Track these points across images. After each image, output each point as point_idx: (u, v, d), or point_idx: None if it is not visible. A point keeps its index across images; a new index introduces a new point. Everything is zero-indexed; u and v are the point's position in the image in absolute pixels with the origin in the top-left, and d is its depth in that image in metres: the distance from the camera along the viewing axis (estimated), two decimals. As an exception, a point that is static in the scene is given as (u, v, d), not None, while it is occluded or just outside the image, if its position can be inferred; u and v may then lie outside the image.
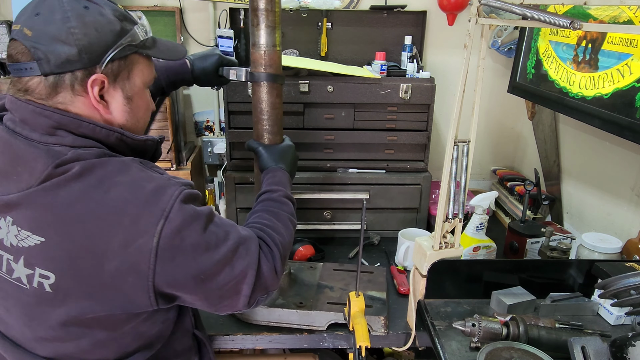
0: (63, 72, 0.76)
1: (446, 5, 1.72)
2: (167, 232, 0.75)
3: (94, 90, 0.79)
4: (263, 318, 1.18)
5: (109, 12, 0.80)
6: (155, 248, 0.74)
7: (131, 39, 0.82)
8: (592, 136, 1.54)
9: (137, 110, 0.88)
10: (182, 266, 0.77)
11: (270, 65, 1.08)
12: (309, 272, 1.34)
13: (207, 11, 1.88)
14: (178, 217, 0.76)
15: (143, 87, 0.88)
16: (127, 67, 0.83)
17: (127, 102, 0.85)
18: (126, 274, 0.75)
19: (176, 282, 0.78)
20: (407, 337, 1.18)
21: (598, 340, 0.88)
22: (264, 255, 0.88)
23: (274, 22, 1.05)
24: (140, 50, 0.84)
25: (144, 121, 0.92)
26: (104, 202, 0.74)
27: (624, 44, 1.15)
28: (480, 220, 1.38)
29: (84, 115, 0.80)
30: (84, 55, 0.76)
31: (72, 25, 0.75)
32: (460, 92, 0.99)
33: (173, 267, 0.77)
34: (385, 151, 1.62)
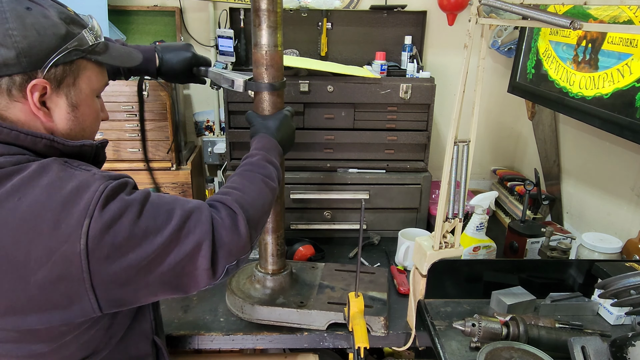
0: None
1: (446, 5, 1.72)
2: (95, 232, 0.69)
3: (33, 96, 0.74)
4: (263, 317, 1.18)
5: (54, 14, 0.75)
6: (85, 251, 0.68)
7: (78, 43, 0.77)
8: (592, 136, 1.54)
9: (83, 119, 0.82)
10: (121, 262, 0.71)
11: (271, 66, 1.08)
12: (310, 272, 1.34)
13: (207, 11, 1.88)
14: (105, 214, 0.70)
15: (91, 95, 0.83)
16: (72, 73, 0.78)
17: (72, 109, 0.80)
18: (57, 283, 0.69)
19: (119, 280, 0.72)
20: (407, 337, 1.18)
21: (598, 340, 0.88)
22: (221, 221, 0.81)
23: (276, 22, 1.05)
24: (88, 55, 0.79)
25: (90, 130, 0.86)
26: (17, 210, 0.68)
27: (624, 44, 1.15)
28: (480, 220, 1.38)
29: (22, 122, 0.75)
30: (23, 59, 0.71)
31: (10, 26, 0.70)
32: (460, 92, 0.99)
33: (111, 266, 0.71)
34: (385, 151, 1.62)
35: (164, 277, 0.76)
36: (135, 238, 0.72)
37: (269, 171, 0.96)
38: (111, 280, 0.72)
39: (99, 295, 0.72)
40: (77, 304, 0.72)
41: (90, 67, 0.81)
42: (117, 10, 1.84)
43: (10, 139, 0.73)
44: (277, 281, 1.24)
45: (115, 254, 0.71)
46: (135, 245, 0.72)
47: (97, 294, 0.72)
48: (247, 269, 1.33)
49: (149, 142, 1.75)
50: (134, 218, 0.73)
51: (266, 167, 0.96)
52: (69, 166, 0.76)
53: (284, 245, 1.26)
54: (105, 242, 0.70)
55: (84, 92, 0.81)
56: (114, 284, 0.73)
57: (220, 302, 1.28)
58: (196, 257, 0.77)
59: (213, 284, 0.82)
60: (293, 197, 1.57)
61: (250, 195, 0.88)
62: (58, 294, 0.70)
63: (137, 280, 0.74)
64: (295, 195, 1.57)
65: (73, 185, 0.71)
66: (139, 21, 1.89)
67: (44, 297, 0.70)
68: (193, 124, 2.07)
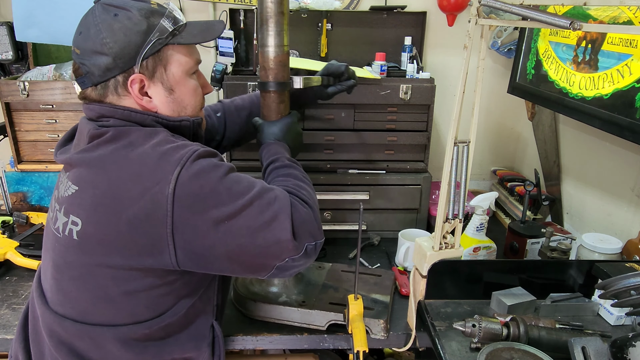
0: (107, 79, 0.87)
1: (446, 5, 1.72)
2: (184, 179, 0.78)
3: (134, 88, 0.88)
4: (265, 314, 1.19)
5: (136, 13, 0.85)
6: (172, 195, 0.77)
7: (159, 33, 0.87)
8: (592, 136, 1.54)
9: (182, 99, 0.93)
10: (202, 213, 0.78)
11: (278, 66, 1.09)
12: (316, 272, 1.35)
13: (207, 12, 1.88)
14: (195, 166, 0.80)
15: (184, 76, 0.93)
16: (161, 61, 0.89)
17: (169, 93, 0.92)
18: (144, 222, 0.78)
19: (198, 231, 0.79)
20: (407, 337, 1.18)
21: (598, 340, 0.88)
22: (299, 203, 0.87)
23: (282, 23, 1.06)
24: (170, 41, 0.88)
25: (192, 106, 0.96)
26: (128, 157, 0.82)
27: (624, 45, 1.15)
28: (480, 221, 1.38)
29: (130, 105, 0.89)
30: (119, 61, 0.85)
31: (103, 36, 0.84)
32: (460, 93, 0.99)
33: (193, 215, 0.78)
34: (385, 152, 1.62)
35: (242, 241, 0.81)
36: (219, 194, 0.80)
37: (300, 169, 1.02)
38: (191, 230, 0.79)
39: (177, 244, 0.79)
40: (157, 248, 0.79)
41: (177, 50, 0.90)
42: (117, 11, 1.84)
43: (125, 116, 0.88)
44: (282, 280, 1.24)
45: (199, 204, 0.78)
46: (218, 200, 0.80)
47: (176, 242, 0.79)
48: None
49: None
50: (220, 176, 0.81)
51: (294, 166, 1.02)
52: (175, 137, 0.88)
53: None
54: (191, 190, 0.78)
55: (176, 76, 0.92)
56: (193, 235, 0.79)
57: (220, 303, 1.29)
58: (276, 228, 0.82)
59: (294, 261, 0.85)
60: (293, 198, 1.57)
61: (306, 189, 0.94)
62: (143, 233, 0.79)
63: (215, 237, 0.80)
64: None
65: (174, 145, 0.83)
66: (139, 22, 1.90)
67: (130, 235, 0.79)
68: (193, 125, 2.07)
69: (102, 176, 0.81)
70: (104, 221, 0.80)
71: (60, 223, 0.86)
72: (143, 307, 0.87)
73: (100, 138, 0.85)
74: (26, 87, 1.57)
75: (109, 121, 0.88)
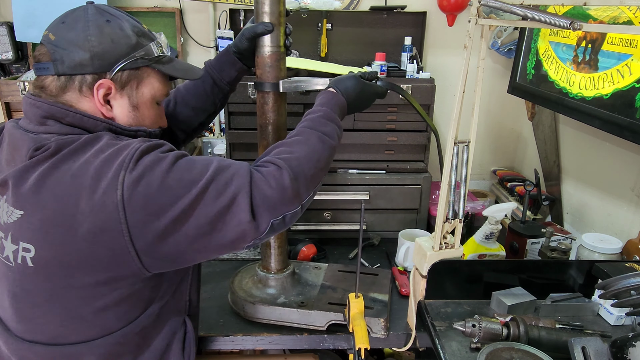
0: (74, 74, 0.83)
1: (446, 5, 1.72)
2: (129, 182, 0.74)
3: (99, 93, 0.85)
4: (264, 316, 1.18)
5: (128, 27, 0.87)
6: (121, 201, 0.74)
7: (145, 53, 0.88)
8: (592, 136, 1.54)
9: (143, 119, 0.92)
10: (157, 212, 0.75)
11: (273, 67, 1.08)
12: (313, 273, 1.35)
13: (207, 12, 1.88)
14: (139, 166, 0.76)
15: (151, 100, 0.93)
16: (136, 78, 0.89)
17: (133, 109, 0.90)
18: (100, 235, 0.75)
19: (157, 231, 0.76)
20: (407, 337, 1.18)
21: (598, 340, 0.88)
22: (261, 175, 0.82)
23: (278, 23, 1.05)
24: (153, 64, 0.90)
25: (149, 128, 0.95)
26: (70, 169, 0.77)
27: (624, 45, 1.15)
28: (491, 230, 1.34)
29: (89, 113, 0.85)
30: (96, 61, 0.83)
31: (90, 33, 0.83)
32: (460, 93, 0.99)
33: (147, 216, 0.75)
34: (386, 152, 1.62)
35: (203, 230, 0.78)
36: (170, 189, 0.76)
37: (329, 129, 0.94)
38: (149, 232, 0.76)
39: (139, 250, 0.76)
40: (120, 258, 0.76)
41: (154, 75, 0.92)
42: (117, 11, 1.84)
43: (76, 121, 0.83)
44: (279, 281, 1.24)
45: (151, 204, 0.75)
46: (170, 196, 0.76)
47: (137, 248, 0.76)
48: (250, 269, 1.33)
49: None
50: (167, 168, 0.77)
51: (326, 124, 0.95)
52: (119, 139, 0.83)
53: (287, 245, 1.27)
54: (139, 191, 0.75)
55: (145, 96, 0.91)
56: (153, 237, 0.76)
57: (220, 303, 1.28)
58: (235, 210, 0.78)
59: (260, 240, 0.82)
60: (293, 198, 1.57)
61: (300, 152, 0.87)
62: (102, 247, 0.75)
63: (176, 233, 0.77)
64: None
65: (115, 148, 0.79)
66: (139, 22, 1.90)
67: (90, 251, 0.76)
68: (193, 125, 2.07)
69: (48, 195, 0.76)
70: (59, 242, 0.76)
71: (10, 251, 0.80)
72: (114, 320, 0.84)
73: (41, 153, 0.79)
74: (26, 87, 1.58)
75: (54, 127, 0.82)
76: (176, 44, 1.91)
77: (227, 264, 1.49)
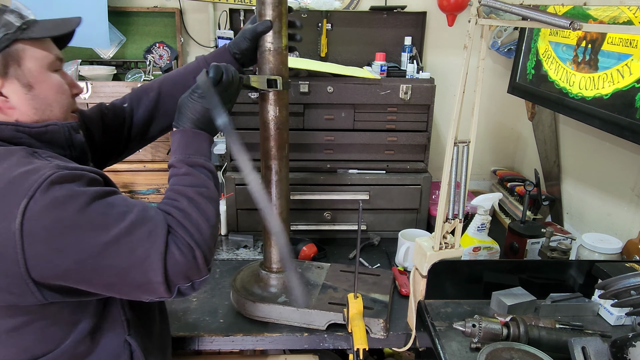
0: None
1: (446, 5, 1.72)
2: (33, 213, 0.68)
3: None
4: (264, 314, 1.19)
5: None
6: (19, 230, 0.68)
7: (5, 29, 0.77)
8: (592, 136, 1.54)
9: (45, 95, 0.82)
10: (61, 250, 0.70)
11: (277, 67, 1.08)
12: (316, 272, 1.35)
13: (207, 12, 1.88)
14: (47, 196, 0.69)
15: (43, 70, 0.82)
16: (13, 58, 0.79)
17: (28, 90, 0.81)
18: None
19: (57, 269, 0.71)
20: (407, 337, 1.18)
21: (598, 340, 0.88)
22: (175, 243, 0.77)
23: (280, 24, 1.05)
24: (20, 36, 0.79)
25: (58, 104, 0.85)
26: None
27: (624, 45, 1.15)
28: (481, 221, 1.37)
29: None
30: None
31: None
32: (460, 93, 0.99)
33: (48, 251, 0.69)
34: (386, 152, 1.62)
35: (109, 280, 0.74)
36: (78, 227, 0.71)
37: (197, 179, 0.86)
38: (49, 267, 0.70)
39: (37, 281, 0.71)
40: (17, 287, 0.71)
41: (30, 44, 0.80)
42: (117, 11, 1.84)
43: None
44: (280, 280, 1.24)
45: (53, 240, 0.70)
46: (77, 236, 0.70)
47: (35, 279, 0.71)
48: (253, 267, 1.33)
49: (149, 143, 1.74)
50: (80, 206, 0.71)
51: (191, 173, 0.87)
52: (36, 156, 0.77)
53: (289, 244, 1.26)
54: (44, 225, 0.69)
55: (34, 70, 0.81)
56: (52, 273, 0.71)
57: (220, 303, 1.28)
58: (147, 269, 0.74)
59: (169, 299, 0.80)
60: (293, 198, 1.57)
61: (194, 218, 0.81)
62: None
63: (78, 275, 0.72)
64: (296, 196, 1.57)
65: (25, 169, 0.72)
66: (139, 22, 1.90)
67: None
68: (193, 125, 2.07)
69: None
70: None
71: None
72: (34, 342, 0.79)
73: None
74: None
75: None
76: (176, 44, 1.91)
77: (226, 264, 1.49)
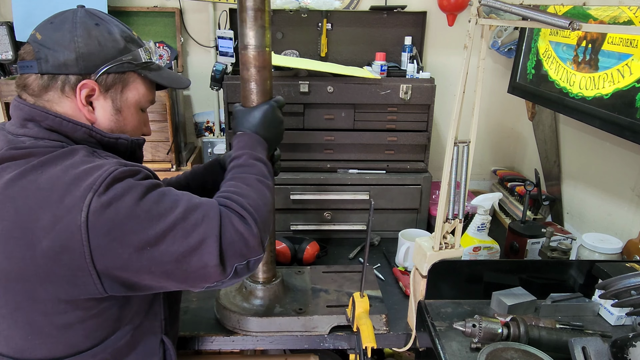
0: (58, 74, 0.83)
1: (446, 5, 1.72)
2: (96, 206, 0.72)
3: (81, 93, 0.84)
4: (263, 329, 1.15)
5: (117, 32, 0.87)
6: (85, 223, 0.72)
7: (132, 58, 0.88)
8: (593, 136, 1.54)
9: (125, 124, 0.91)
10: (121, 240, 0.74)
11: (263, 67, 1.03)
12: (298, 277, 1.32)
13: (207, 12, 1.88)
14: (110, 191, 0.74)
15: (135, 106, 0.92)
16: (122, 82, 0.88)
17: (116, 112, 0.89)
18: (59, 253, 0.73)
19: (119, 259, 0.74)
20: (407, 337, 1.18)
21: (599, 340, 0.88)
22: (230, 221, 0.80)
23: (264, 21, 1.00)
24: (139, 70, 0.90)
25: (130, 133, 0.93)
26: (36, 181, 0.75)
27: (624, 44, 1.15)
28: (481, 221, 1.37)
29: (69, 115, 0.84)
30: (81, 62, 0.83)
31: (77, 34, 0.83)
32: (460, 93, 0.99)
33: (111, 242, 0.73)
34: (386, 152, 1.62)
35: (167, 267, 0.77)
36: (137, 218, 0.74)
37: (260, 169, 0.94)
38: (112, 258, 0.74)
39: (100, 272, 0.75)
40: (80, 279, 0.75)
41: (140, 81, 0.91)
42: (117, 11, 1.84)
43: (55, 124, 0.83)
44: (270, 290, 1.20)
45: (115, 231, 0.73)
46: (137, 226, 0.74)
47: (99, 270, 0.74)
48: None
49: (149, 142, 1.75)
50: (136, 199, 0.75)
51: (255, 165, 0.94)
52: (96, 155, 0.82)
53: (275, 253, 1.23)
54: (106, 218, 0.73)
55: (129, 101, 0.91)
56: (115, 263, 0.75)
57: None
58: (202, 252, 0.77)
59: (223, 283, 0.82)
60: (293, 198, 1.57)
61: (252, 196, 0.86)
62: (62, 265, 0.73)
63: (138, 264, 0.75)
64: (295, 195, 1.57)
65: (89, 166, 0.77)
66: (139, 22, 1.90)
67: (49, 267, 0.74)
68: (193, 125, 2.07)
69: (9, 206, 0.74)
70: (18, 255, 0.74)
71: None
72: (82, 338, 0.82)
73: (10, 161, 0.77)
74: (26, 87, 1.57)
75: (32, 130, 0.82)
76: (176, 44, 1.91)
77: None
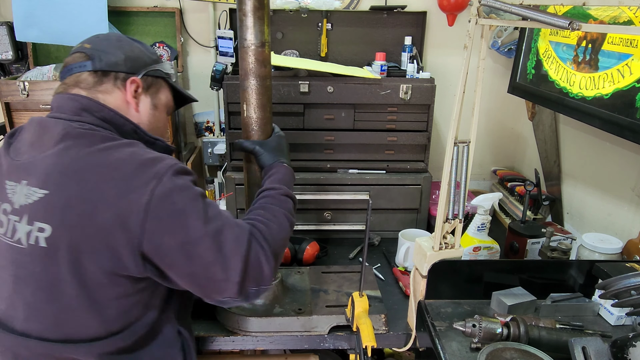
0: (110, 71, 0.95)
1: (446, 5, 1.72)
2: (158, 193, 0.79)
3: (131, 87, 0.97)
4: (262, 329, 1.16)
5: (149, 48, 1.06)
6: (146, 205, 0.78)
7: (162, 68, 1.05)
8: (593, 136, 1.54)
9: (157, 121, 1.05)
10: (170, 230, 0.80)
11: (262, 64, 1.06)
12: (298, 277, 1.33)
13: (207, 12, 1.88)
14: (170, 182, 0.81)
15: (165, 107, 1.08)
16: (156, 85, 1.04)
17: (153, 109, 1.03)
18: (116, 228, 0.78)
19: (163, 247, 0.80)
20: (407, 337, 1.18)
21: (599, 340, 0.88)
22: (255, 248, 0.86)
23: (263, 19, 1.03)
24: (167, 78, 1.07)
25: (160, 132, 1.07)
26: (104, 160, 0.83)
27: (624, 44, 1.15)
28: (481, 221, 1.37)
29: (118, 108, 0.95)
30: (128, 63, 0.97)
31: (123, 43, 0.99)
32: (460, 93, 0.99)
33: (161, 229, 0.80)
34: (386, 152, 1.62)
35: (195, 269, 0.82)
36: (189, 215, 0.81)
37: (289, 206, 1.02)
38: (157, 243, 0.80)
39: (144, 253, 0.80)
40: (125, 255, 0.80)
41: (166, 87, 1.08)
42: (117, 11, 1.84)
43: (108, 116, 0.93)
44: (270, 290, 1.20)
45: (169, 221, 0.80)
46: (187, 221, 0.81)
47: (145, 251, 0.80)
48: None
49: (149, 143, 1.75)
50: (193, 197, 0.83)
51: (287, 201, 1.02)
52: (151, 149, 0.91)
53: None
54: (165, 206, 0.80)
55: (162, 101, 1.06)
56: (157, 250, 0.81)
57: (220, 303, 1.28)
58: (229, 267, 0.82)
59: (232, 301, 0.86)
60: (293, 198, 1.57)
61: (275, 230, 0.93)
62: (113, 239, 0.79)
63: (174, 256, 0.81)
64: (296, 195, 1.56)
65: (152, 156, 0.85)
66: (138, 22, 1.90)
67: (100, 239, 0.79)
68: (193, 125, 2.07)
69: (76, 178, 0.81)
70: (75, 224, 0.79)
71: (23, 233, 0.82)
72: (114, 317, 0.86)
73: (75, 139, 0.85)
74: (26, 87, 1.58)
75: (87, 118, 0.90)
76: (176, 44, 1.91)
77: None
